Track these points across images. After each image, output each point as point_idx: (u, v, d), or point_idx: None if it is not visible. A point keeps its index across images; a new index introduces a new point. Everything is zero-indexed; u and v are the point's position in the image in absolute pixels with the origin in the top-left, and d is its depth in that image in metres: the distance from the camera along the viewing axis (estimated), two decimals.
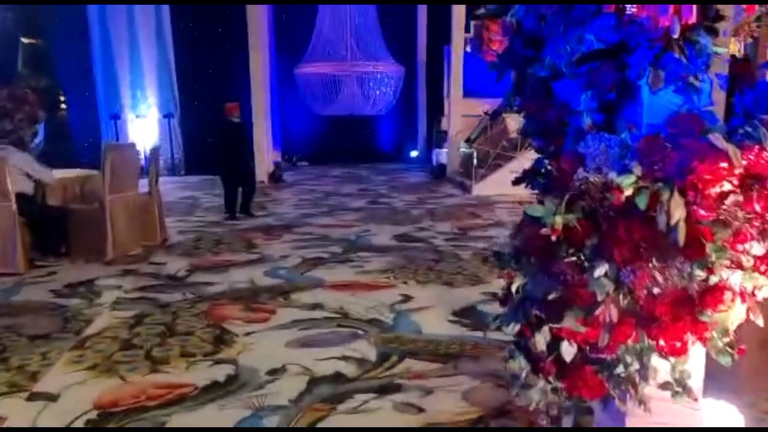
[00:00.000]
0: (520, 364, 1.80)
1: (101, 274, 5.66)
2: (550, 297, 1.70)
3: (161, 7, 14.28)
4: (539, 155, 2.10)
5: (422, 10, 16.20)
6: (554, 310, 1.69)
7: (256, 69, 12.90)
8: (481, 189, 10.76)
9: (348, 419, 2.95)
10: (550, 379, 1.81)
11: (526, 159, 9.25)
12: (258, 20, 12.70)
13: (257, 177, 13.13)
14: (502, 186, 10.80)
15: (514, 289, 1.77)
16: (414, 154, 16.53)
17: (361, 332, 4.11)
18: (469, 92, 13.65)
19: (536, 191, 2.07)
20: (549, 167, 1.96)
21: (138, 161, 7.02)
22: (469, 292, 5.04)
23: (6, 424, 2.92)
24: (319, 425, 2.89)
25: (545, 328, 1.71)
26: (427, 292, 5.03)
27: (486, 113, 3.44)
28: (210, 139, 9.15)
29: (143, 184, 7.05)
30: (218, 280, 5.47)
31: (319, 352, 3.77)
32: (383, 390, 3.23)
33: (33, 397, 3.20)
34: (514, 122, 13.20)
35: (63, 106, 14.34)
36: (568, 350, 1.74)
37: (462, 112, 13.11)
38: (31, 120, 6.22)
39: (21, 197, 5.78)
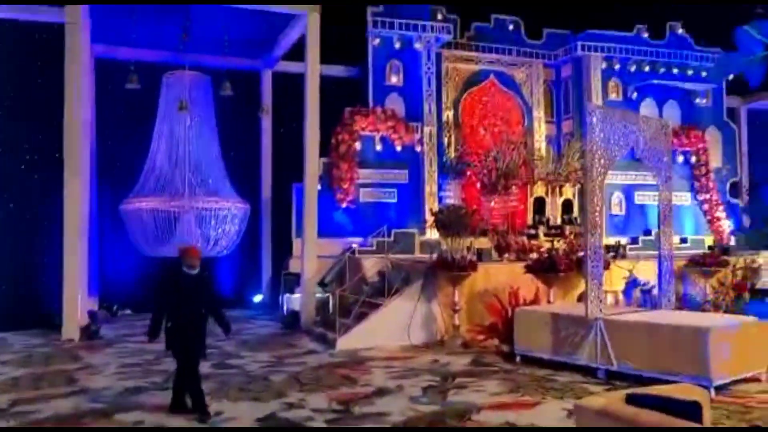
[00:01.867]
0: None
1: None
2: None
3: None
4: None
5: (267, 146, 15.31)
6: None
7: (72, 198, 10.65)
8: (348, 342, 9.36)
9: None
10: None
11: (396, 306, 7.92)
12: (77, 141, 10.71)
13: (66, 333, 10.63)
14: (371, 338, 9.56)
15: None
16: (258, 298, 14.82)
17: None
18: (321, 232, 12.59)
19: None
20: None
21: None
22: None
23: None
24: None
25: None
26: None
27: None
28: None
29: None
30: None
31: None
32: None
33: None
34: (371, 264, 12.27)
35: None
36: None
37: (316, 253, 11.93)
38: None
39: None
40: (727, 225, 17.16)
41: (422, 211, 14.57)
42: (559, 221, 14.57)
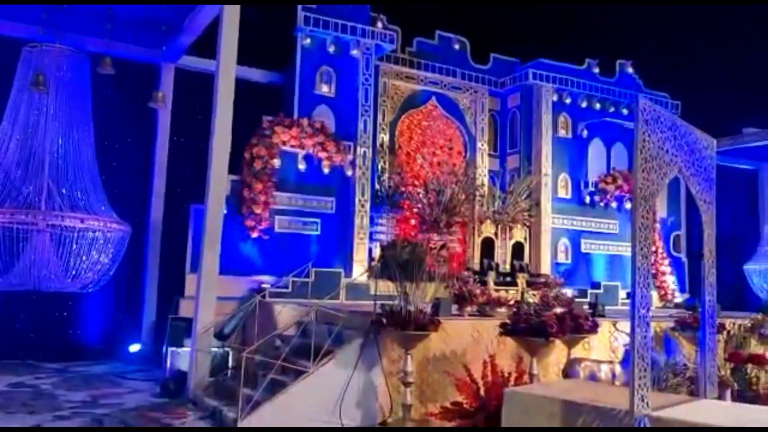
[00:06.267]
0: None
1: None
2: None
3: None
4: None
5: (161, 157, 12.24)
6: None
7: None
8: (255, 423, 6.60)
9: None
10: None
11: (326, 374, 4.61)
12: None
13: None
14: (288, 417, 6.80)
15: None
16: (135, 348, 11.58)
17: None
18: (223, 267, 9.74)
19: None
20: None
21: None
22: None
23: None
24: None
25: None
26: None
27: None
28: None
29: None
30: None
31: None
32: None
33: None
34: (288, 312, 9.56)
35: None
36: None
37: (216, 294, 9.06)
38: None
39: None
40: (671, 281, 15.95)
41: (350, 246, 12.08)
42: (508, 267, 12.53)
